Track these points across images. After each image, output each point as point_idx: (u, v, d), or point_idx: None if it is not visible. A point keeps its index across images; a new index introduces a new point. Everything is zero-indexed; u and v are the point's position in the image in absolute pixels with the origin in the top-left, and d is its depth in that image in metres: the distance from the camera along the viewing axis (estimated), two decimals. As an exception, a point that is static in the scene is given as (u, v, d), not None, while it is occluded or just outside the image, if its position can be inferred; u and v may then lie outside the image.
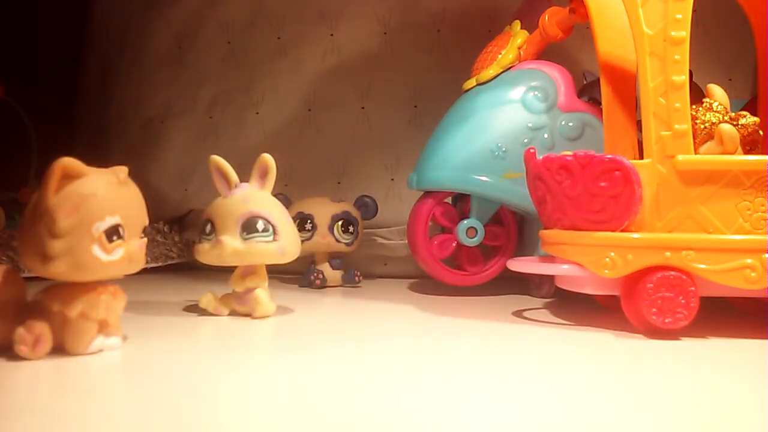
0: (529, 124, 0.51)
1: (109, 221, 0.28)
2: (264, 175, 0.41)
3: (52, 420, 0.21)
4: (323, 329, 0.39)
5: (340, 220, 0.56)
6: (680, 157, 0.36)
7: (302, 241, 0.46)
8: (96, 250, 0.28)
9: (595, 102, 0.52)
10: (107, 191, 0.28)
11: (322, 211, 0.57)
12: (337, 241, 0.56)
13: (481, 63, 0.54)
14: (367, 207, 0.58)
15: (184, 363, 0.29)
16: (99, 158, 0.31)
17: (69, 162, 0.28)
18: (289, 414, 0.22)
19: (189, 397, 0.24)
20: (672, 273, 0.35)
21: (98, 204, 0.28)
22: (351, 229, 0.56)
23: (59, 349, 0.29)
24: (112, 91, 0.79)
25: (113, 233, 0.28)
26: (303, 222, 0.56)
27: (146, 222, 0.31)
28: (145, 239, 0.31)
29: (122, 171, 0.29)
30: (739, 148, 0.38)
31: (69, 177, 0.28)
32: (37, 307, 0.29)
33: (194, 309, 0.43)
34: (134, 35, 0.77)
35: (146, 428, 0.21)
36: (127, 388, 0.26)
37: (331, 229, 0.56)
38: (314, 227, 0.56)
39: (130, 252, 0.29)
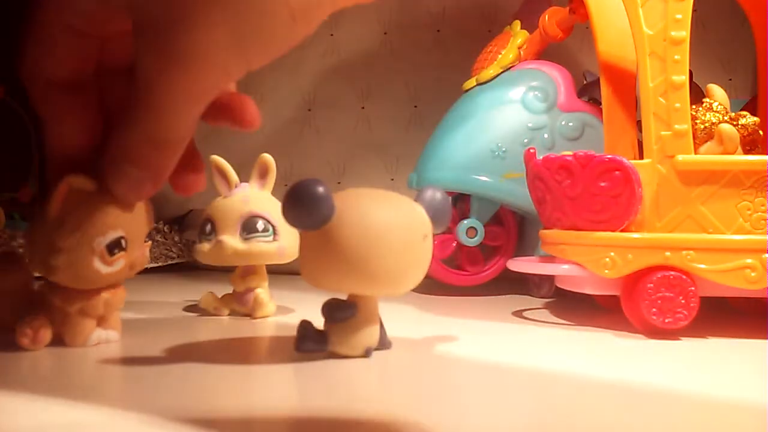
0: (529, 124, 0.51)
1: (111, 236, 0.29)
2: (264, 175, 0.41)
3: (49, 408, 0.21)
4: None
5: None
6: (680, 157, 0.36)
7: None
8: (96, 263, 0.29)
9: (595, 102, 0.52)
10: (110, 208, 0.29)
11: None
12: None
13: (481, 63, 0.54)
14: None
15: (183, 363, 0.29)
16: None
17: (75, 180, 0.28)
18: (289, 414, 0.22)
19: (187, 397, 0.24)
20: (672, 273, 0.35)
21: (101, 220, 0.28)
22: None
23: (60, 340, 0.31)
24: (112, 91, 0.79)
25: (115, 246, 0.29)
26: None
27: (150, 228, 0.31)
28: (149, 242, 0.32)
29: None
30: (739, 148, 0.38)
31: (75, 194, 0.28)
32: (41, 298, 0.31)
33: (194, 309, 0.43)
34: (134, 35, 0.77)
35: (143, 428, 0.21)
36: (124, 387, 0.26)
37: None
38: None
39: (132, 261, 0.30)
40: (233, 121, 0.28)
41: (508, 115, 0.51)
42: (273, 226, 0.39)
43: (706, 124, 0.38)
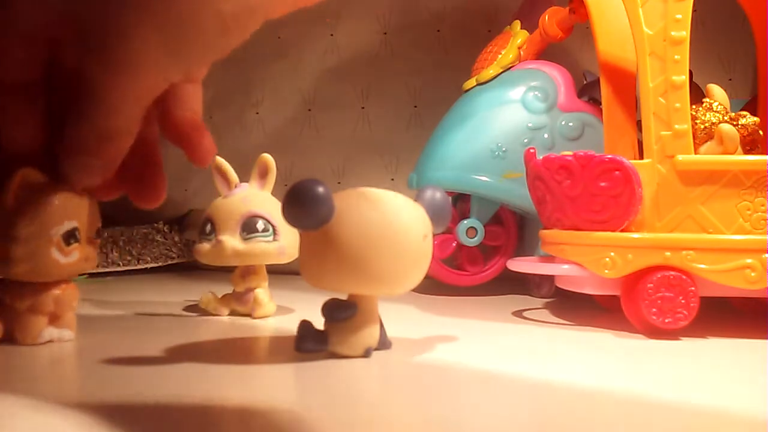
0: (529, 124, 0.51)
1: (67, 225, 0.30)
2: (264, 175, 0.41)
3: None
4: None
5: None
6: (680, 157, 0.36)
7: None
8: (55, 253, 0.30)
9: (595, 102, 0.52)
10: (64, 198, 0.30)
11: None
12: None
13: (481, 63, 0.54)
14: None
15: (182, 363, 0.29)
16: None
17: (28, 172, 0.29)
18: (289, 414, 0.22)
19: (186, 397, 0.24)
20: (672, 273, 0.35)
21: (56, 210, 0.29)
22: None
23: (12, 339, 0.31)
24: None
25: (70, 236, 0.30)
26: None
27: (98, 225, 0.32)
28: (98, 240, 0.32)
29: None
30: (739, 148, 0.38)
31: (29, 185, 0.29)
32: None
33: (194, 309, 0.43)
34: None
35: (141, 427, 0.21)
36: (121, 385, 0.26)
37: None
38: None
39: (87, 253, 0.31)
40: (187, 153, 0.31)
41: (508, 115, 0.51)
42: (273, 226, 0.39)
43: (706, 124, 0.38)
